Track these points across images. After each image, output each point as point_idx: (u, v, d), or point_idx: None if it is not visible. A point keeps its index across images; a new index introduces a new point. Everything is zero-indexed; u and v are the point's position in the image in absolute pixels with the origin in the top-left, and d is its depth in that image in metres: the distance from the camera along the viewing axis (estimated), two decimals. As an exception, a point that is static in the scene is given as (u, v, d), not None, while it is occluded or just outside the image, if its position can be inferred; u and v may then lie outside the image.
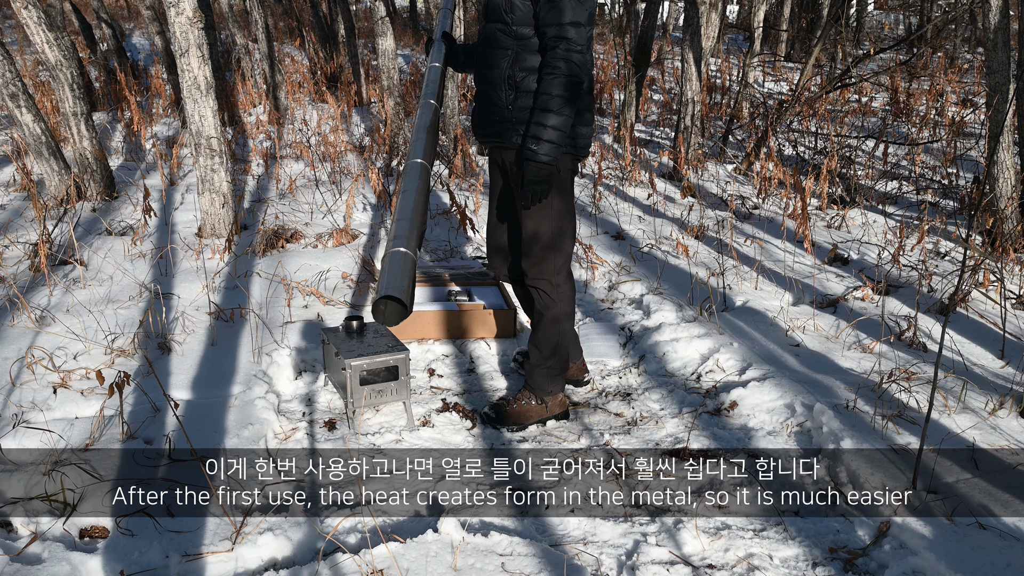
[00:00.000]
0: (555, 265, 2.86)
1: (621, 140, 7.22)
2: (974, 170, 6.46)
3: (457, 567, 2.14)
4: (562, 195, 2.80)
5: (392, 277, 1.92)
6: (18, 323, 3.50)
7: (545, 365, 2.94)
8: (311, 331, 3.55)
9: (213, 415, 2.85)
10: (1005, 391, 3.05)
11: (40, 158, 5.14)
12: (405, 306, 1.88)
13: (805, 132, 7.54)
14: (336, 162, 6.52)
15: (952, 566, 2.09)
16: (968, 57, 12.51)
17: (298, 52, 12.68)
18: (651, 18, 7.73)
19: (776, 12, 12.73)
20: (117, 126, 7.87)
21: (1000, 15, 4.38)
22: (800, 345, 3.50)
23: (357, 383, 2.87)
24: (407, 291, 1.92)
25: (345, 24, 9.43)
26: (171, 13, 4.26)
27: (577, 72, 2.54)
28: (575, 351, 3.19)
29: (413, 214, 2.17)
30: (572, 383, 3.26)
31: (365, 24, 15.11)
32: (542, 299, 2.91)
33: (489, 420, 2.97)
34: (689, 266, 4.42)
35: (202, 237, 4.67)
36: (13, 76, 4.95)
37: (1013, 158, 4.52)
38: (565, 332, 2.94)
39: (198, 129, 4.46)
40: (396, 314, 1.87)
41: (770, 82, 10.93)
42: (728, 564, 2.22)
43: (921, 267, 4.33)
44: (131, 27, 15.31)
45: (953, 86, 9.72)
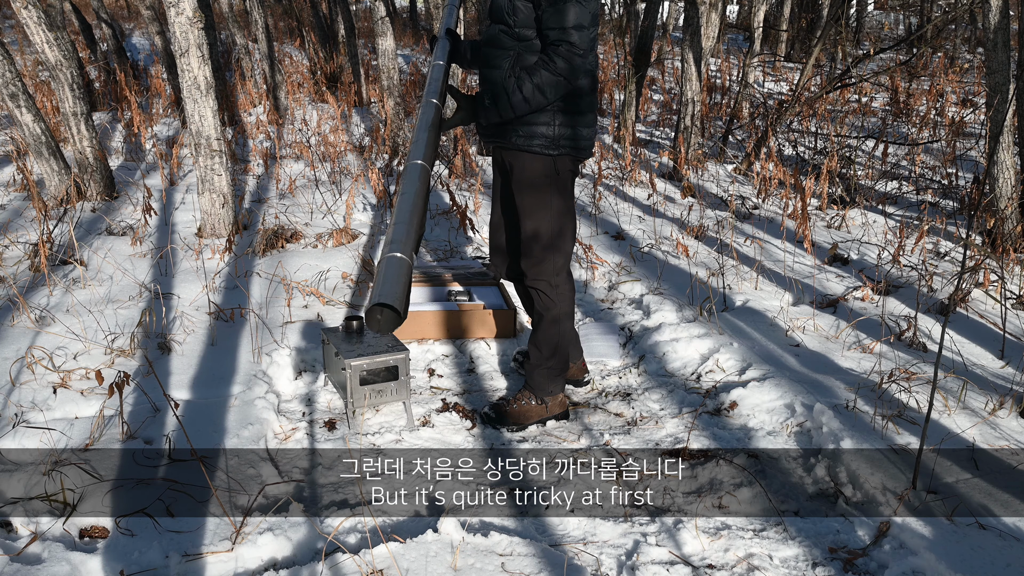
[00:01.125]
0: (555, 265, 2.86)
1: (621, 140, 7.22)
2: (974, 170, 6.47)
3: (457, 567, 2.14)
4: (562, 195, 2.79)
5: (387, 284, 1.89)
6: (18, 323, 3.50)
7: (545, 365, 2.93)
8: (311, 331, 3.55)
9: (213, 415, 2.85)
10: (1005, 391, 3.05)
11: (40, 158, 5.14)
12: (399, 314, 1.86)
13: (805, 132, 7.54)
14: (336, 162, 6.52)
15: (952, 566, 2.09)
16: (968, 57, 12.51)
17: (298, 52, 12.68)
18: (651, 18, 7.73)
19: (776, 12, 12.74)
20: (117, 126, 7.87)
21: (1000, 15, 4.38)
22: (800, 345, 3.50)
23: (357, 383, 2.87)
24: (402, 298, 1.88)
25: (345, 24, 9.43)
26: (171, 13, 4.26)
27: (570, 76, 2.55)
28: (575, 351, 3.19)
29: (411, 217, 2.15)
30: (572, 383, 3.26)
31: (365, 24, 15.11)
32: (542, 300, 2.90)
33: (489, 420, 2.97)
34: (689, 266, 4.42)
35: (202, 237, 4.67)
36: (13, 76, 4.95)
37: (1013, 158, 4.51)
38: (565, 332, 2.94)
39: (198, 129, 4.46)
40: (390, 322, 1.85)
41: (770, 82, 10.93)
42: (728, 564, 2.22)
43: (921, 267, 4.33)
44: (131, 27, 15.31)
45: (953, 86, 9.72)
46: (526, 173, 2.75)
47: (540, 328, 2.93)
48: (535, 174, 2.75)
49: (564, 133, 2.70)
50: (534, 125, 2.68)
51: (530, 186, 2.77)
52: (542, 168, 2.73)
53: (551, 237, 2.81)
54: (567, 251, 2.88)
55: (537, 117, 2.67)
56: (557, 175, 2.74)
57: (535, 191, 2.77)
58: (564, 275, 2.90)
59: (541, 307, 2.92)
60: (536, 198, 2.77)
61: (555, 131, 2.69)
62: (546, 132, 2.69)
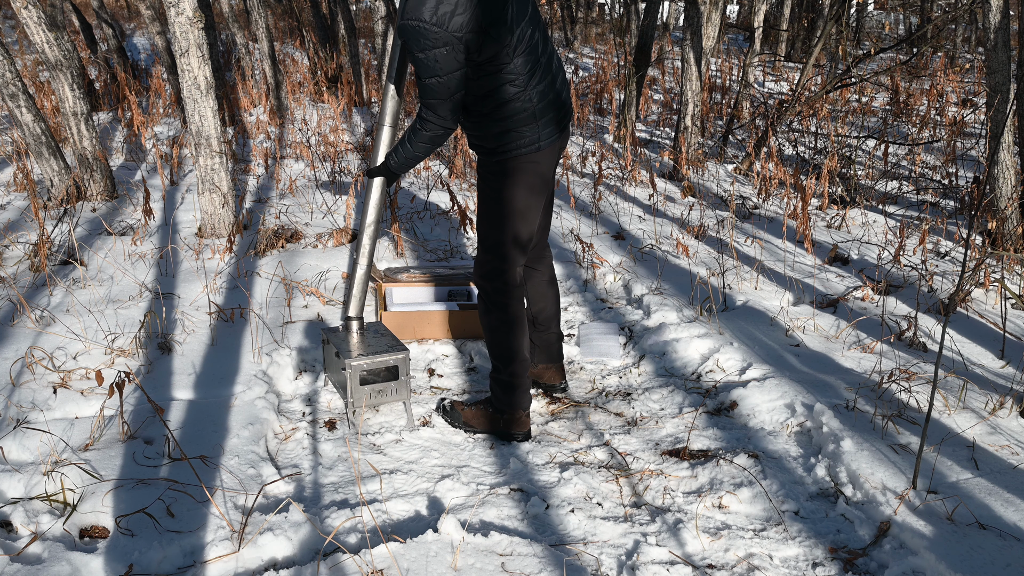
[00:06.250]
0: (490, 269, 2.77)
1: (622, 140, 7.22)
2: (974, 170, 6.46)
3: (457, 567, 2.14)
4: (507, 200, 2.70)
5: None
6: (18, 323, 3.50)
7: (495, 376, 2.85)
8: (311, 331, 3.55)
9: (213, 415, 2.85)
10: (1005, 391, 3.05)
11: (40, 158, 5.14)
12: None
13: (805, 132, 7.53)
14: (336, 162, 6.52)
15: (952, 566, 2.09)
16: (968, 57, 12.51)
17: (298, 52, 12.68)
18: (651, 17, 7.73)
19: (776, 12, 12.73)
20: (117, 126, 7.87)
21: (1000, 15, 4.38)
22: (800, 345, 3.50)
23: (357, 383, 2.87)
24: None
25: (345, 24, 9.43)
26: (171, 13, 4.26)
27: (432, 141, 2.65)
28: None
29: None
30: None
31: (365, 24, 15.11)
32: (479, 303, 2.86)
33: (444, 413, 2.97)
34: (689, 266, 4.41)
35: (202, 237, 4.67)
36: (13, 76, 4.96)
37: (1014, 158, 4.51)
38: (511, 344, 2.79)
39: (198, 129, 4.46)
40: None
41: (770, 82, 10.92)
42: (728, 564, 2.22)
43: (921, 267, 4.33)
44: (131, 27, 15.32)
45: (953, 86, 9.72)
46: (479, 175, 2.79)
47: (485, 335, 2.88)
48: (482, 177, 2.77)
49: (502, 140, 2.65)
50: (476, 138, 2.71)
51: (479, 188, 2.78)
52: (485, 171, 2.75)
53: (490, 242, 2.76)
54: (510, 257, 2.76)
55: (473, 131, 2.70)
56: (506, 178, 2.69)
57: (481, 194, 2.78)
58: (503, 281, 2.77)
59: (479, 310, 2.86)
60: (481, 201, 2.78)
61: (492, 143, 2.67)
62: (485, 145, 2.70)
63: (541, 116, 2.64)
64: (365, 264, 3.00)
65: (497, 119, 2.62)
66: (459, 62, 2.45)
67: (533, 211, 2.75)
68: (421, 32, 2.39)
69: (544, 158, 2.71)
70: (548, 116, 2.67)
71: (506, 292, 2.78)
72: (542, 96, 2.63)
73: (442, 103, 2.54)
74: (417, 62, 2.46)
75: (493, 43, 2.46)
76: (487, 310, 2.82)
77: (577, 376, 3.37)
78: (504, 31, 2.47)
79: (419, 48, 2.42)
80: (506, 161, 2.67)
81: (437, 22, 2.37)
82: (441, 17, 2.37)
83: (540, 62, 2.62)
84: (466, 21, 2.39)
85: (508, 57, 2.51)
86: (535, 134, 2.65)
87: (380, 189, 2.93)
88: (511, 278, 2.77)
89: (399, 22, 2.46)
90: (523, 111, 2.61)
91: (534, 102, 2.61)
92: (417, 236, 4.89)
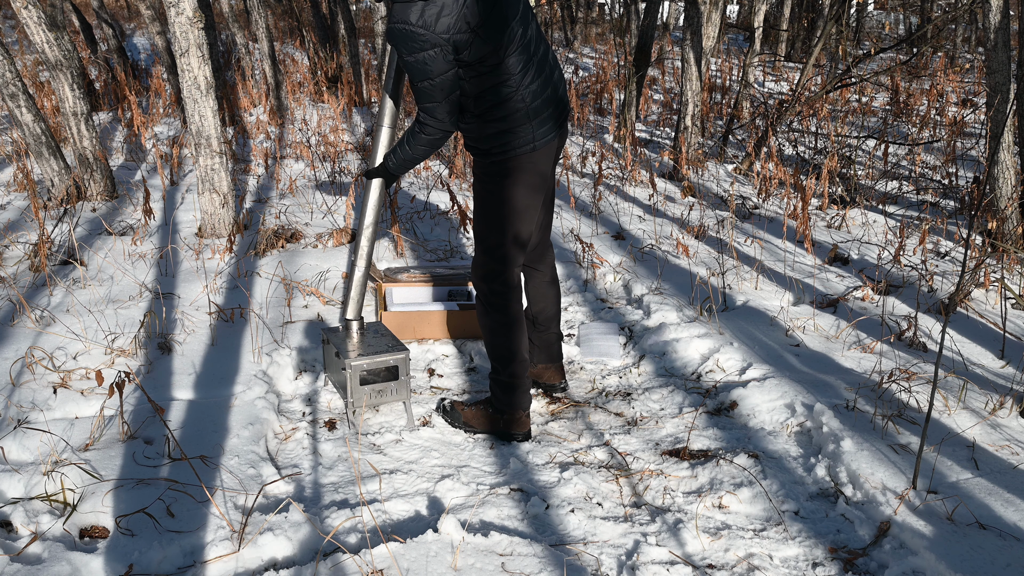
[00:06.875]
0: (489, 271, 2.77)
1: (622, 140, 7.22)
2: (974, 170, 6.46)
3: (457, 567, 2.14)
4: (504, 201, 2.69)
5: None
6: (18, 323, 3.50)
7: (494, 377, 2.85)
8: (311, 331, 3.55)
9: (213, 415, 2.85)
10: (1005, 391, 3.05)
11: (40, 158, 5.14)
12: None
13: (805, 132, 7.53)
14: (336, 162, 6.52)
15: (952, 566, 2.09)
16: (968, 57, 12.51)
17: (298, 52, 12.68)
18: (651, 17, 7.73)
19: (776, 12, 12.73)
20: (118, 126, 7.87)
21: (1000, 15, 4.38)
22: (800, 345, 3.50)
23: (357, 383, 2.87)
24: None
25: (345, 24, 9.43)
26: (171, 13, 4.26)
27: (430, 144, 2.68)
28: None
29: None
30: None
31: (365, 24, 15.10)
32: (478, 305, 2.85)
33: (444, 413, 2.97)
34: (689, 266, 4.41)
35: (202, 237, 4.67)
36: (13, 76, 4.96)
37: (1013, 158, 4.51)
38: (510, 345, 2.79)
39: (198, 129, 4.46)
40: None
41: (770, 82, 10.93)
42: (728, 564, 2.22)
43: (921, 267, 4.33)
44: (132, 27, 15.32)
45: (953, 86, 9.72)
46: (475, 176, 2.78)
47: (484, 337, 2.88)
48: (478, 178, 2.76)
49: (497, 141, 2.65)
50: (471, 139, 2.71)
51: (476, 189, 2.78)
52: (481, 172, 2.74)
53: (486, 243, 2.77)
54: (509, 258, 2.75)
55: (467, 132, 2.70)
56: (504, 179, 2.68)
57: (477, 195, 2.77)
58: (500, 283, 2.77)
59: (478, 312, 2.86)
60: (477, 202, 2.78)
61: (486, 143, 2.67)
62: (480, 146, 2.69)
63: (536, 115, 2.63)
64: (363, 266, 3.00)
65: (491, 120, 2.61)
66: (449, 63, 2.46)
67: (531, 211, 2.74)
68: (408, 35, 2.39)
69: (541, 157, 2.70)
70: (544, 115, 2.65)
71: (504, 293, 2.78)
72: (536, 95, 2.62)
73: (438, 105, 2.54)
74: (408, 66, 2.47)
75: (483, 44, 2.46)
76: (486, 311, 2.82)
77: (577, 376, 3.38)
78: (493, 31, 2.47)
79: (408, 51, 2.43)
80: (502, 162, 2.66)
81: (423, 24, 2.37)
82: (427, 19, 2.37)
83: (533, 61, 2.60)
84: (453, 23, 2.39)
85: (499, 57, 2.51)
86: (530, 134, 2.64)
87: (378, 190, 2.94)
88: (509, 279, 2.77)
89: (387, 26, 2.47)
90: (517, 111, 2.60)
91: (527, 102, 2.59)
92: (417, 236, 4.89)
